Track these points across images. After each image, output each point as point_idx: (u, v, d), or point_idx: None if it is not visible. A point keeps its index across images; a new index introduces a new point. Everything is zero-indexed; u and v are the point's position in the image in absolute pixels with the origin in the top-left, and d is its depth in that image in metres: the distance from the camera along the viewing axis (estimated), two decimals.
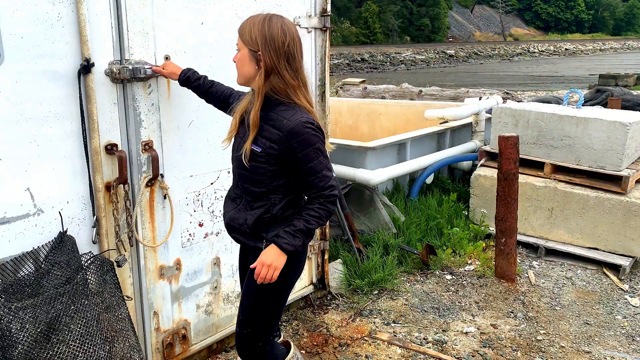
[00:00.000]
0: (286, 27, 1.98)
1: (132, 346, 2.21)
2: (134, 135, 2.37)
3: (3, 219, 1.96)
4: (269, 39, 1.94)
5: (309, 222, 2.03)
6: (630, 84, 16.28)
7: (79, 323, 1.97)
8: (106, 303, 2.13)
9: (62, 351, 1.89)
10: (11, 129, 1.94)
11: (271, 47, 1.95)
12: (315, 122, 2.03)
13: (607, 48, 61.89)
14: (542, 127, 4.82)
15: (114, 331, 2.13)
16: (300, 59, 2.03)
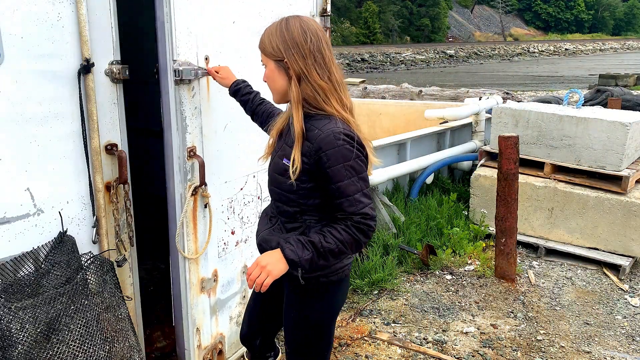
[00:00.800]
0: (305, 24, 1.79)
1: (132, 346, 2.21)
2: (179, 141, 2.34)
3: (3, 219, 1.96)
4: (290, 42, 1.77)
5: (327, 239, 1.73)
6: (630, 84, 16.28)
7: (79, 323, 1.97)
8: (106, 303, 2.13)
9: (62, 351, 1.89)
10: (11, 129, 1.94)
11: (294, 50, 1.76)
12: (353, 133, 1.76)
13: (607, 48, 61.89)
14: (542, 127, 4.82)
15: (114, 331, 2.13)
16: (329, 55, 1.80)
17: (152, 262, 3.62)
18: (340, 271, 1.92)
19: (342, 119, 1.78)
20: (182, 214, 2.40)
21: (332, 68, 1.80)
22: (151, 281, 3.36)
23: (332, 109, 1.77)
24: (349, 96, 1.85)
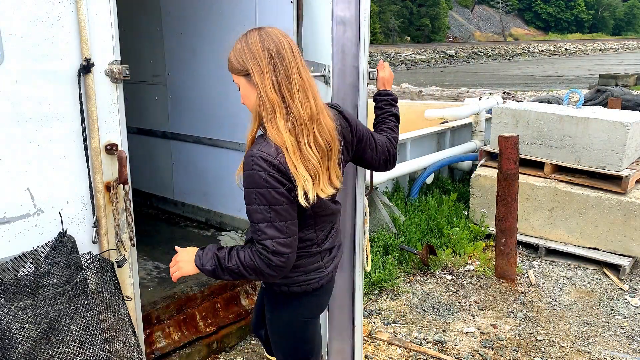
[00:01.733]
0: (265, 35, 1.73)
1: (132, 346, 2.21)
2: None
3: (3, 219, 1.96)
4: (248, 53, 1.73)
5: (231, 258, 1.73)
6: (630, 84, 16.28)
7: (79, 323, 1.97)
8: (106, 303, 2.12)
9: (62, 351, 1.89)
10: (11, 129, 1.94)
11: (252, 61, 1.72)
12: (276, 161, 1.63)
13: (607, 48, 61.91)
14: (542, 127, 4.82)
15: (114, 331, 2.13)
16: (292, 62, 1.70)
17: (152, 262, 3.63)
18: (303, 283, 1.89)
19: (276, 144, 1.65)
20: (360, 229, 2.32)
21: (293, 77, 1.68)
22: (151, 281, 3.36)
23: (270, 130, 1.67)
24: (311, 103, 1.70)
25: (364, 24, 2.06)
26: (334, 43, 2.10)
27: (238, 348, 3.22)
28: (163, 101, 4.54)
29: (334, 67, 2.12)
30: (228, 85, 3.90)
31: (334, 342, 2.50)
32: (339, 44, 2.11)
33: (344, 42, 2.10)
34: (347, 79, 2.14)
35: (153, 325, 2.97)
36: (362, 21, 2.06)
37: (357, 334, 2.47)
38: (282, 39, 1.73)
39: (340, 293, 2.43)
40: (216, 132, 4.09)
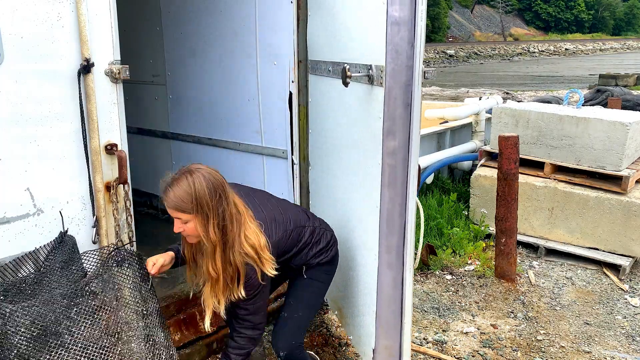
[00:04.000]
0: (209, 177, 2.04)
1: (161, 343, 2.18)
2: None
3: (3, 219, 1.96)
4: (200, 196, 1.98)
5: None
6: (630, 84, 16.28)
7: (79, 324, 1.97)
8: (120, 301, 2.10)
9: (62, 355, 1.88)
10: (11, 129, 1.95)
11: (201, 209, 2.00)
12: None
13: (607, 48, 61.89)
14: (542, 127, 4.82)
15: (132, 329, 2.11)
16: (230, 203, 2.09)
17: None
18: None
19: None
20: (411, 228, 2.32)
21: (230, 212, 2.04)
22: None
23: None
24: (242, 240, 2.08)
25: (420, 24, 2.09)
26: (387, 43, 2.11)
27: None
28: (163, 101, 4.54)
29: (387, 67, 2.14)
30: (228, 85, 3.91)
31: (381, 339, 2.50)
32: (393, 43, 2.12)
33: (398, 42, 2.11)
34: (400, 79, 2.16)
35: None
36: (419, 21, 2.09)
37: (405, 331, 2.46)
38: (220, 178, 2.05)
39: (388, 291, 2.43)
40: (216, 132, 4.09)
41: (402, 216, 2.30)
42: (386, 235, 2.35)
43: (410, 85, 2.15)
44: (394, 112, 2.19)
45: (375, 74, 2.22)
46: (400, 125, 2.20)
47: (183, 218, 2.00)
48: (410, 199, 2.27)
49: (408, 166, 2.23)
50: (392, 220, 2.31)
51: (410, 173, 2.24)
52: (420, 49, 2.10)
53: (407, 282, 2.38)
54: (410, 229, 2.31)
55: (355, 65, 2.39)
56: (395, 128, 2.21)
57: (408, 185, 2.25)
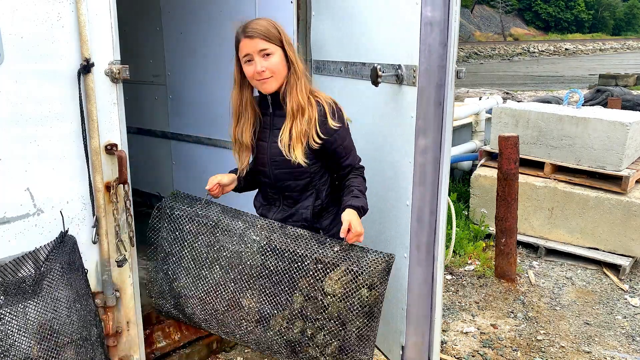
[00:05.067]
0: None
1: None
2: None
3: (3, 219, 1.96)
4: (282, 31, 2.06)
5: (364, 197, 2.17)
6: (630, 84, 16.27)
7: (79, 324, 1.98)
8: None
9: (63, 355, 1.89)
10: (11, 129, 1.95)
11: (286, 37, 2.07)
12: (338, 104, 2.17)
13: (607, 48, 61.87)
14: (542, 127, 4.82)
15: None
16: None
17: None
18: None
19: (323, 97, 2.13)
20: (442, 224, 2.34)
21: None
22: None
23: (312, 91, 2.15)
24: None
25: (454, 24, 2.11)
26: (421, 43, 2.14)
27: (238, 348, 3.22)
28: (163, 101, 4.54)
29: (420, 67, 2.16)
30: (228, 84, 3.90)
31: (411, 336, 2.50)
32: (426, 43, 2.14)
33: (431, 42, 2.14)
34: (433, 78, 2.18)
35: (153, 325, 2.97)
36: (453, 22, 2.11)
37: (435, 328, 2.46)
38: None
39: (418, 287, 2.44)
40: (216, 132, 4.09)
41: (434, 214, 2.33)
42: (417, 233, 2.37)
43: (442, 85, 2.18)
44: (427, 111, 2.22)
45: (405, 73, 2.24)
46: (432, 124, 2.23)
47: (269, 49, 2.02)
48: (441, 196, 2.30)
49: (440, 164, 2.26)
50: (423, 218, 2.34)
51: (443, 171, 2.26)
52: (454, 49, 2.12)
53: (437, 280, 2.40)
54: (441, 227, 2.34)
55: (380, 65, 2.40)
56: (428, 127, 2.24)
57: (440, 183, 2.28)
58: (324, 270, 1.96)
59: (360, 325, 1.96)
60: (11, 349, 1.79)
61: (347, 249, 1.99)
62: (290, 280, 2.00)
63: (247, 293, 2.08)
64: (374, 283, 1.94)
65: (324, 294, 1.97)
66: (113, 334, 2.35)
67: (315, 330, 2.01)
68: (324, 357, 2.03)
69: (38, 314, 1.86)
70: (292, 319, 2.03)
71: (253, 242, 2.07)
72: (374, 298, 1.95)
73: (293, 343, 2.05)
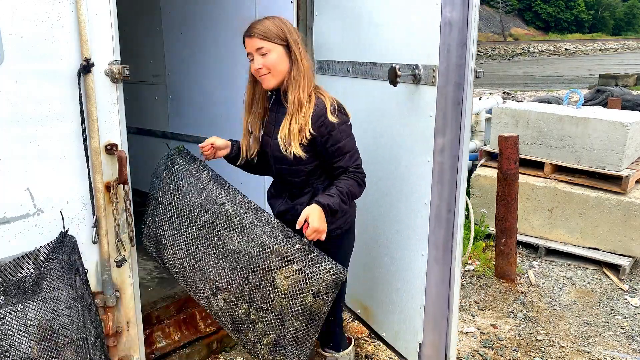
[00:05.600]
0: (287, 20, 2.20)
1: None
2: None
3: (3, 219, 1.96)
4: (289, 27, 2.15)
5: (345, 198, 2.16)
6: (630, 84, 16.27)
7: (79, 324, 1.97)
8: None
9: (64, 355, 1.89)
10: (11, 129, 1.95)
11: (293, 36, 2.14)
12: (340, 103, 2.21)
13: (607, 48, 61.85)
14: (542, 127, 4.82)
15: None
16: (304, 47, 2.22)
17: (153, 262, 3.63)
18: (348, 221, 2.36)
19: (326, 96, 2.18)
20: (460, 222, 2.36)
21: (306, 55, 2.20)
22: (151, 281, 3.36)
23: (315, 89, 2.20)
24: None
25: (473, 25, 2.13)
26: (441, 43, 2.17)
27: (238, 348, 3.22)
28: (163, 101, 4.54)
29: (440, 67, 2.19)
30: (228, 85, 3.91)
31: (429, 334, 2.54)
32: (446, 44, 2.17)
33: (450, 42, 2.16)
34: (452, 78, 2.21)
35: (153, 325, 2.98)
36: (472, 22, 2.14)
37: (452, 326, 2.49)
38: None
39: (436, 285, 2.46)
40: (216, 132, 4.07)
41: (452, 212, 2.35)
42: (434, 231, 2.39)
43: (461, 84, 2.20)
44: (445, 111, 2.24)
45: (423, 73, 2.26)
46: (451, 123, 2.25)
47: (265, 48, 2.10)
48: (460, 195, 2.32)
49: (458, 163, 2.28)
50: (440, 216, 2.37)
51: (461, 169, 2.29)
52: (472, 49, 2.15)
53: (455, 278, 2.43)
54: (459, 225, 2.36)
55: (399, 65, 2.42)
56: (446, 126, 2.25)
57: (458, 182, 2.31)
58: (279, 263, 2.01)
59: (298, 327, 2.02)
60: (11, 349, 1.79)
61: (306, 250, 2.01)
62: (248, 263, 2.07)
63: (210, 261, 2.17)
64: (319, 291, 1.98)
65: (272, 285, 2.02)
66: (113, 334, 2.35)
67: (257, 317, 2.08)
68: (260, 345, 2.11)
69: (38, 314, 1.86)
70: (240, 300, 2.10)
71: (228, 215, 2.15)
72: (317, 306, 2.00)
73: (237, 322, 2.15)
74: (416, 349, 2.58)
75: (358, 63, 2.77)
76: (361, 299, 3.11)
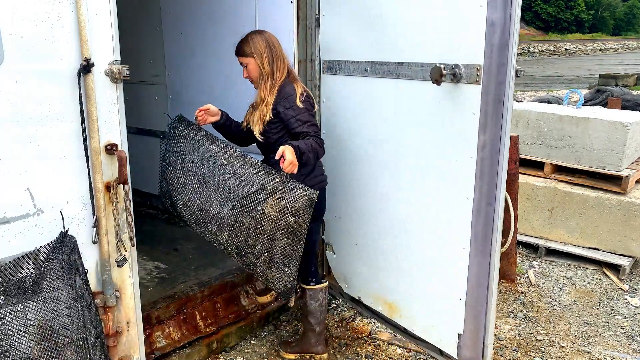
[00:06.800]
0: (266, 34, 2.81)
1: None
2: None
3: (3, 219, 1.96)
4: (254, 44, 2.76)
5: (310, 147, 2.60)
6: (630, 84, 16.26)
7: (79, 324, 1.97)
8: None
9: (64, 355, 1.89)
10: (11, 129, 1.95)
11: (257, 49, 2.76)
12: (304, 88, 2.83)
13: (607, 48, 61.83)
14: (542, 127, 4.82)
15: None
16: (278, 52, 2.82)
17: (152, 262, 3.63)
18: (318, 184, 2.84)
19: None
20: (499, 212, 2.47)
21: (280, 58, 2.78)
22: (151, 281, 3.36)
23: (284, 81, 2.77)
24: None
25: (515, 25, 2.23)
26: (485, 43, 2.27)
27: (238, 348, 3.22)
28: (163, 101, 4.54)
29: (484, 66, 2.30)
30: (228, 85, 3.91)
31: (469, 323, 2.65)
32: (489, 44, 2.28)
33: (493, 42, 2.27)
34: (495, 77, 2.31)
35: (153, 325, 2.98)
36: (514, 23, 2.23)
37: (491, 314, 2.59)
38: (273, 38, 2.82)
39: (476, 276, 2.56)
40: (216, 132, 4.09)
41: (492, 206, 2.47)
42: (475, 226, 2.51)
43: (503, 83, 2.30)
44: (487, 108, 2.34)
45: (464, 72, 2.36)
46: (492, 120, 2.36)
47: (244, 62, 2.77)
48: (500, 190, 2.43)
49: (499, 158, 2.39)
50: (480, 210, 2.49)
51: (502, 165, 2.39)
52: (514, 49, 2.24)
53: (494, 268, 2.54)
54: (498, 219, 2.48)
55: (428, 64, 2.52)
56: (487, 123, 2.36)
57: (499, 177, 2.42)
58: (266, 195, 2.51)
59: (285, 243, 2.54)
60: (11, 349, 1.79)
61: (284, 181, 2.49)
62: (242, 200, 2.57)
63: (213, 203, 2.66)
64: (298, 211, 2.48)
65: (262, 214, 2.51)
66: (113, 334, 2.35)
67: (254, 241, 2.57)
68: (259, 264, 2.62)
69: (38, 314, 1.86)
70: (240, 230, 2.59)
71: (222, 164, 2.65)
72: (298, 224, 2.51)
73: (239, 248, 2.63)
74: (455, 339, 2.69)
75: (379, 63, 2.84)
76: (384, 295, 3.15)
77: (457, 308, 2.65)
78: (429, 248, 2.77)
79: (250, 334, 3.34)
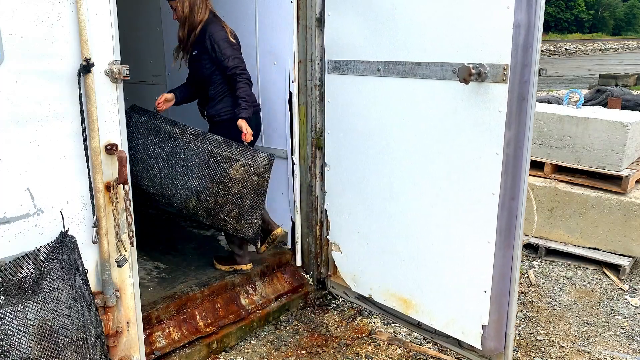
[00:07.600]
0: None
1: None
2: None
3: (3, 219, 1.96)
4: None
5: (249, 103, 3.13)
6: (630, 84, 16.25)
7: (79, 324, 1.97)
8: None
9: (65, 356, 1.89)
10: (11, 129, 1.95)
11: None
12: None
13: (607, 48, 61.82)
14: (542, 127, 4.82)
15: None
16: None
17: (152, 262, 3.63)
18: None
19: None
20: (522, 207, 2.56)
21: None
22: (151, 281, 3.36)
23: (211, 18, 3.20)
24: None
25: (539, 26, 2.33)
26: (512, 44, 2.36)
27: (238, 348, 3.22)
28: None
29: (510, 65, 2.39)
30: None
31: (493, 314, 2.71)
32: (515, 44, 2.36)
33: (519, 42, 2.36)
34: (520, 76, 2.40)
35: (153, 325, 2.98)
36: (538, 24, 2.33)
37: (512, 304, 2.69)
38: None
39: (500, 268, 2.65)
40: None
41: (515, 200, 2.56)
42: (499, 219, 2.58)
43: (527, 82, 2.41)
44: (511, 106, 2.44)
45: (490, 71, 2.44)
46: (516, 117, 2.46)
47: (173, 5, 3.15)
48: (523, 185, 2.52)
49: (523, 154, 2.51)
50: (505, 204, 2.56)
51: (526, 161, 2.51)
52: (538, 49, 2.35)
53: (516, 261, 2.64)
54: (521, 213, 2.56)
55: (449, 64, 2.62)
56: (512, 121, 2.46)
57: (522, 172, 2.52)
58: (230, 163, 3.03)
59: (252, 199, 3.14)
60: (11, 349, 1.79)
61: (245, 150, 3.06)
62: (208, 169, 3.02)
63: (180, 177, 3.05)
64: (260, 172, 3.11)
65: (229, 178, 3.04)
66: (113, 334, 2.35)
67: (223, 201, 3.07)
68: (229, 220, 3.13)
69: (38, 314, 1.86)
70: (209, 195, 3.05)
71: (185, 142, 3.05)
72: (261, 182, 3.14)
73: (209, 209, 3.10)
74: (480, 331, 2.76)
75: (393, 63, 2.88)
76: (399, 292, 3.17)
77: (482, 300, 2.71)
78: (451, 243, 2.80)
79: (250, 334, 3.34)
